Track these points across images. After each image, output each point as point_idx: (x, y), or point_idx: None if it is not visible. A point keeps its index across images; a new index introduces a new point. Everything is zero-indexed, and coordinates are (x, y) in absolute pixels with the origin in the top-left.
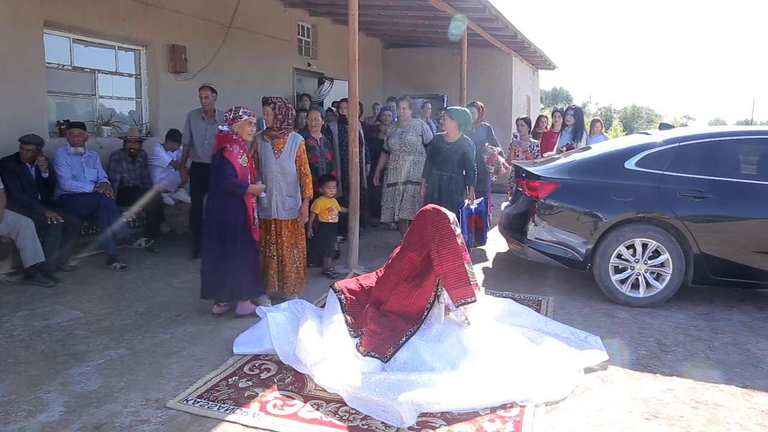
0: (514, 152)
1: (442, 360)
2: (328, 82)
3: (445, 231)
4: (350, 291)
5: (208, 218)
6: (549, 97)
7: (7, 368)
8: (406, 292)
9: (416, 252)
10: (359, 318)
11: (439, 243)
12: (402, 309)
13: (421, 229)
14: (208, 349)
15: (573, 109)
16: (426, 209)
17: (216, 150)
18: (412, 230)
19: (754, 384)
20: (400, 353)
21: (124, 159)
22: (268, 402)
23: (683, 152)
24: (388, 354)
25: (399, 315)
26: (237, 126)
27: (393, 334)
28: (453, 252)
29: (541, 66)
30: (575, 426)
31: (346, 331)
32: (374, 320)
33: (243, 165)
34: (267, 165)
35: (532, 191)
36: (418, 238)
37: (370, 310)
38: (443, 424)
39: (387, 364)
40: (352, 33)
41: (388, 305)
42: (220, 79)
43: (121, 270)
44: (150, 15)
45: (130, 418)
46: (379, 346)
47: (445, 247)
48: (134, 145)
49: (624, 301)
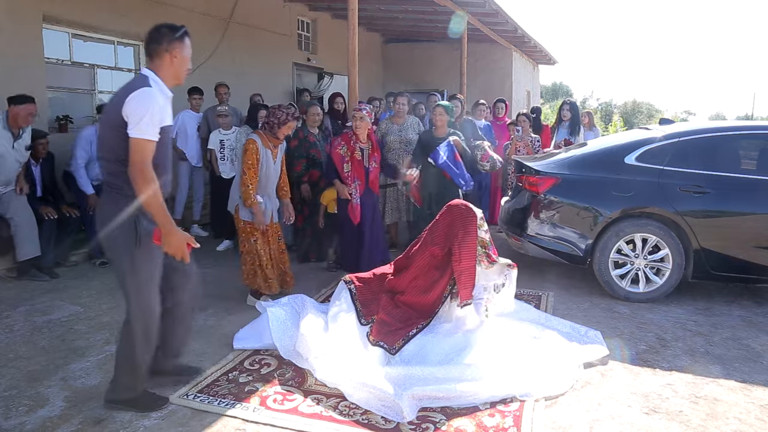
0: (515, 147)
1: (447, 356)
2: (328, 77)
3: (471, 229)
4: (360, 279)
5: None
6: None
7: (7, 363)
8: (423, 287)
9: (439, 246)
10: (371, 305)
11: (462, 239)
12: (417, 302)
13: (448, 224)
14: (208, 344)
15: (569, 104)
16: (456, 204)
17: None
18: (437, 224)
19: (753, 379)
20: (407, 346)
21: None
22: (268, 397)
23: (683, 147)
24: (397, 345)
25: (412, 307)
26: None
27: (404, 325)
28: (471, 252)
29: (541, 61)
30: (575, 420)
31: (355, 320)
32: (386, 310)
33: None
34: (267, 170)
35: (532, 186)
36: (442, 232)
37: (384, 298)
38: (443, 418)
39: (392, 356)
40: (351, 28)
41: (404, 297)
42: (219, 74)
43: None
44: (149, 10)
45: (131, 412)
46: (389, 336)
47: (466, 245)
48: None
49: (624, 296)
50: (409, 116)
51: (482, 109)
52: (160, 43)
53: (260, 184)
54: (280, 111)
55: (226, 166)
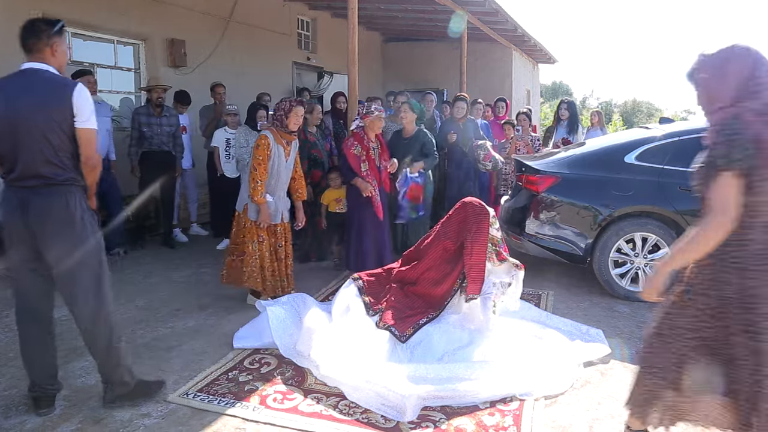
0: (515, 146)
1: (451, 348)
2: (328, 76)
3: (483, 225)
4: (369, 274)
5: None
6: (549, 91)
7: (7, 362)
8: (434, 279)
9: (452, 240)
10: (379, 298)
11: (475, 235)
12: (427, 293)
13: (461, 220)
14: (208, 343)
15: (566, 103)
16: (470, 201)
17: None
18: (450, 220)
19: None
20: (415, 335)
21: (149, 113)
22: (268, 396)
23: (683, 146)
24: (407, 333)
25: (422, 298)
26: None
27: (414, 312)
28: (482, 247)
29: (541, 60)
30: (574, 419)
31: (363, 311)
32: (397, 298)
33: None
34: (278, 168)
35: (531, 185)
36: (456, 227)
37: (394, 289)
38: (443, 417)
39: (401, 343)
40: (351, 27)
41: (414, 288)
42: (219, 73)
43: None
44: (149, 9)
45: (131, 411)
46: (399, 322)
47: (478, 241)
48: (161, 95)
49: (624, 295)
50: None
51: (479, 108)
52: (40, 38)
53: (270, 181)
54: (283, 101)
55: (231, 166)
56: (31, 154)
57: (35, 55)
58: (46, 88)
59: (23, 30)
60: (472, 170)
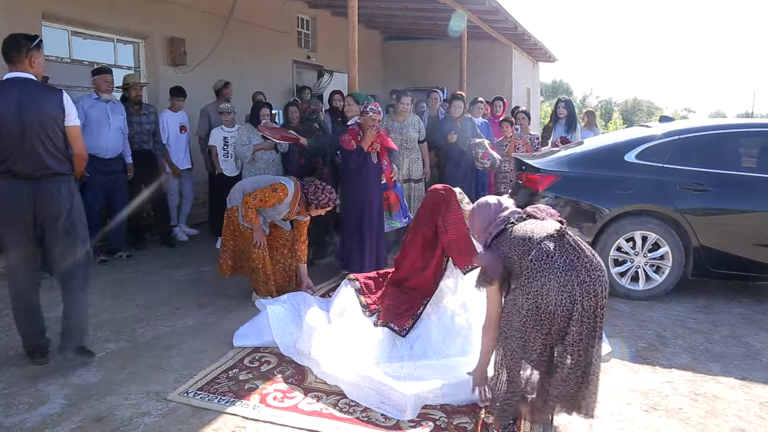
0: (514, 145)
1: (449, 342)
2: (328, 74)
3: (452, 203)
4: (366, 276)
5: None
6: (549, 90)
7: (7, 361)
8: (422, 266)
9: (428, 227)
10: (375, 299)
11: (445, 212)
12: (419, 282)
13: (431, 205)
14: (208, 342)
15: (564, 101)
16: (436, 187)
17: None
18: (423, 207)
19: (752, 376)
20: (415, 330)
21: (128, 112)
22: (268, 394)
23: (683, 145)
24: (407, 326)
25: (416, 290)
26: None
27: (409, 307)
28: (457, 222)
29: (541, 58)
30: (574, 418)
31: (360, 311)
32: (393, 297)
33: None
34: (273, 216)
35: (532, 184)
36: (428, 212)
37: (389, 288)
38: (443, 416)
39: (401, 337)
40: (351, 25)
41: (408, 282)
42: (219, 71)
43: (127, 259)
44: (149, 7)
45: (131, 410)
46: (397, 319)
47: (449, 217)
48: (139, 92)
49: (623, 293)
50: (410, 114)
51: (480, 106)
52: (21, 50)
53: (260, 217)
54: (324, 195)
55: (230, 164)
56: (40, 151)
57: (17, 66)
58: (45, 95)
59: (5, 43)
60: (470, 169)
